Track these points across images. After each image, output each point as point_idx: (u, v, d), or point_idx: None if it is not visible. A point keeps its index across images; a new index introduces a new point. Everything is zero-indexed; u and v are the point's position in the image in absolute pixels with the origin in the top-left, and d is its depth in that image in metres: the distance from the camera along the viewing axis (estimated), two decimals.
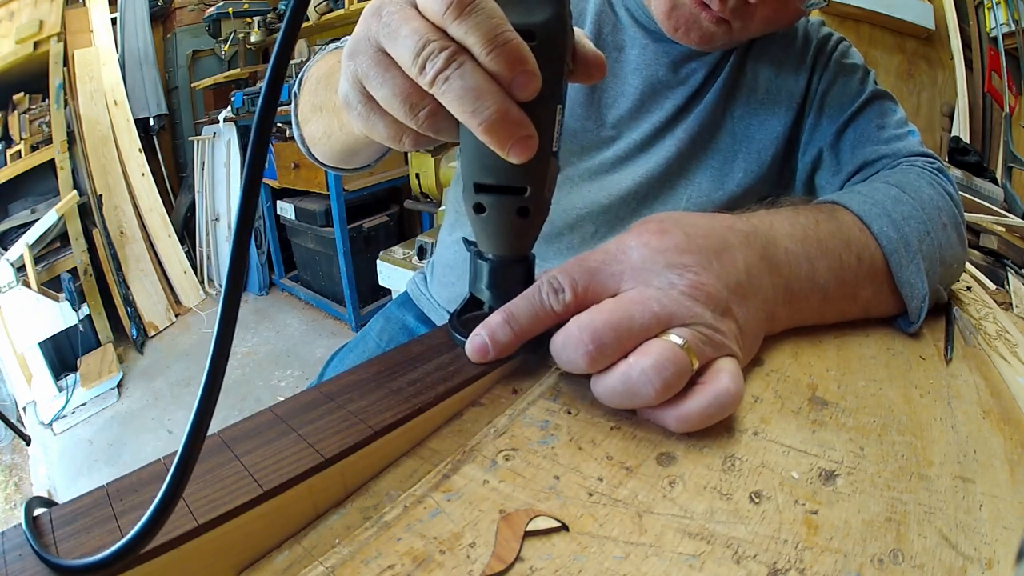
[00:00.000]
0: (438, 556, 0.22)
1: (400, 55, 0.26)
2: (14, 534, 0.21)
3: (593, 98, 0.61)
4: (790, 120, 0.60)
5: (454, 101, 0.25)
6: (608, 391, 0.29)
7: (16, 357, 1.99)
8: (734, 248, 0.34)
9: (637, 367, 0.28)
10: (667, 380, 0.27)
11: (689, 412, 0.28)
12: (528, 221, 0.30)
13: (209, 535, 0.21)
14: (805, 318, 0.39)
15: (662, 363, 0.27)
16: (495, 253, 0.32)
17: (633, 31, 0.61)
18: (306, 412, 0.28)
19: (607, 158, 0.61)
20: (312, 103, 0.50)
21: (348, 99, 0.30)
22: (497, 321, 0.31)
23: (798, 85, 0.60)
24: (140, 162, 2.64)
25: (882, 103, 0.59)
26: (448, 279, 0.69)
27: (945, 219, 0.45)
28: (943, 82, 1.75)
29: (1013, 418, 0.32)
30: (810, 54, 0.60)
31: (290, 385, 2.15)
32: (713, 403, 0.28)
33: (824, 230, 0.40)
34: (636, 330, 0.29)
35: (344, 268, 2.36)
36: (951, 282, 0.48)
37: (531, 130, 0.26)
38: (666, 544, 0.22)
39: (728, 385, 0.28)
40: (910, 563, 0.22)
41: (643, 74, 0.60)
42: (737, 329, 0.32)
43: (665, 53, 0.60)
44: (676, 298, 0.30)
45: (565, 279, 0.31)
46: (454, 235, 0.69)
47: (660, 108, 0.60)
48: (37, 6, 2.37)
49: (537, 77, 0.26)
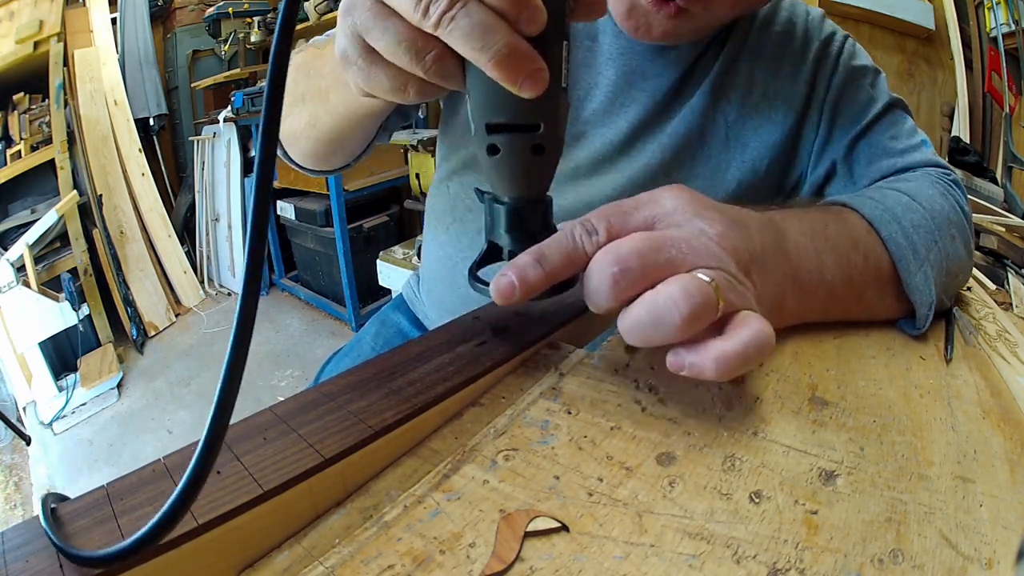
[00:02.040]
0: (438, 556, 0.22)
1: (399, 3, 0.26)
2: (14, 533, 0.21)
3: None
4: (789, 126, 0.57)
5: (461, 39, 0.25)
6: (633, 322, 0.28)
7: (16, 357, 1.99)
8: (751, 226, 0.35)
9: (664, 292, 0.27)
10: (694, 309, 0.27)
11: (728, 353, 0.27)
12: (543, 159, 0.30)
13: (209, 535, 0.21)
14: (811, 312, 0.39)
15: (690, 291, 0.27)
16: (512, 195, 0.32)
17: (605, 19, 0.57)
18: (306, 412, 0.28)
19: (583, 159, 0.58)
20: (292, 95, 0.49)
21: (347, 55, 0.30)
22: (527, 260, 0.31)
23: (797, 88, 0.56)
24: (140, 162, 2.65)
25: (895, 113, 0.56)
26: (436, 294, 0.67)
27: (955, 231, 0.45)
28: (943, 82, 1.75)
29: (1013, 418, 0.32)
30: (811, 55, 0.57)
31: (290, 385, 2.15)
32: (751, 343, 0.27)
33: (833, 230, 0.40)
34: (662, 262, 0.29)
35: (344, 268, 2.36)
36: (955, 292, 0.47)
37: (541, 63, 0.26)
38: (666, 544, 0.22)
39: (763, 327, 0.28)
40: (910, 563, 0.22)
41: (616, 63, 0.57)
42: (756, 294, 0.32)
43: (637, 42, 0.56)
44: (705, 243, 0.30)
45: (600, 221, 0.31)
46: (438, 250, 0.65)
47: (635, 102, 0.57)
48: (37, 6, 2.38)
49: (542, 10, 0.26)
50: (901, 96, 0.58)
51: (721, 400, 0.31)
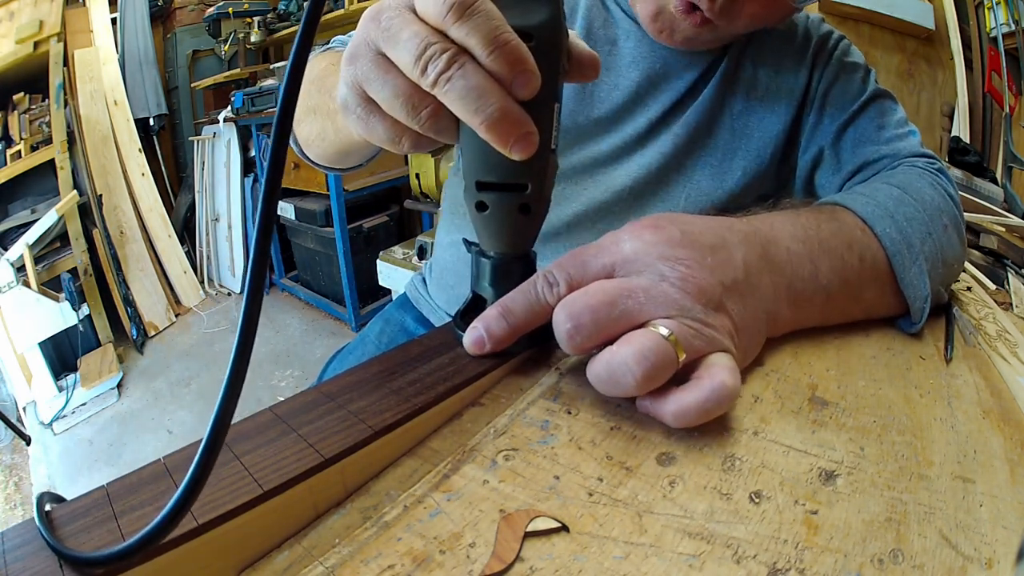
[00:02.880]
0: (438, 556, 0.22)
1: (401, 58, 0.27)
2: (14, 533, 0.21)
3: (585, 91, 0.60)
4: (790, 118, 0.60)
5: (456, 100, 0.26)
6: (594, 377, 0.29)
7: (16, 357, 1.99)
8: (732, 246, 0.34)
9: (618, 355, 0.28)
10: (647, 370, 0.27)
11: (686, 407, 0.27)
12: (529, 218, 0.31)
13: (209, 535, 0.21)
14: (808, 319, 0.39)
15: (643, 352, 0.27)
16: (497, 251, 0.33)
17: (627, 24, 0.61)
18: (306, 412, 0.28)
19: (602, 152, 0.60)
20: (306, 105, 0.50)
21: (347, 103, 0.30)
22: (493, 315, 0.32)
23: (798, 83, 0.59)
24: (140, 162, 2.64)
25: (883, 102, 0.59)
26: (447, 281, 0.69)
27: (946, 220, 0.45)
28: (943, 82, 1.75)
29: (1013, 418, 0.32)
30: (810, 51, 0.60)
31: (290, 385, 2.15)
32: (710, 398, 0.27)
33: (826, 231, 0.40)
34: (616, 315, 0.29)
35: (344, 268, 2.36)
36: (951, 282, 0.48)
37: (532, 127, 0.27)
38: (666, 544, 0.22)
39: (724, 379, 0.28)
40: (910, 563, 0.22)
41: (640, 66, 0.60)
42: (732, 326, 0.32)
43: (662, 45, 0.59)
44: (664, 290, 0.30)
45: (560, 273, 0.32)
46: (451, 236, 0.69)
47: (657, 101, 0.60)
48: (37, 6, 2.37)
49: (537, 76, 0.26)
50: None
51: None
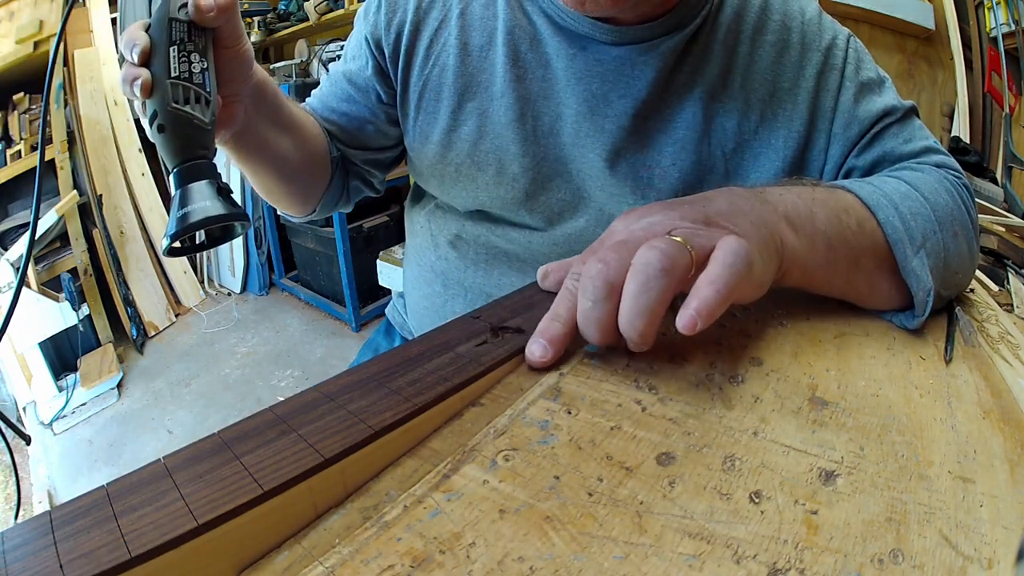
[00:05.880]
0: (438, 556, 0.22)
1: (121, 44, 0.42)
2: (14, 533, 0.21)
3: (526, 129, 0.54)
4: (790, 153, 0.52)
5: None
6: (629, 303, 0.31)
7: (16, 357, 1.99)
8: (714, 197, 0.38)
9: (638, 262, 0.31)
10: (665, 262, 0.30)
11: (713, 275, 0.30)
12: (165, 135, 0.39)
13: (209, 535, 0.21)
14: (814, 254, 0.39)
15: (658, 247, 0.31)
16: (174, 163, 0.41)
17: (555, 42, 0.52)
18: (306, 412, 0.28)
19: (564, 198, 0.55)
20: None
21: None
22: (546, 323, 0.35)
23: (797, 110, 0.52)
24: (140, 162, 2.64)
25: (908, 121, 0.53)
26: (424, 324, 0.67)
27: (957, 228, 0.44)
28: (943, 82, 1.75)
29: (1013, 418, 0.32)
30: (811, 68, 0.51)
31: (290, 385, 2.15)
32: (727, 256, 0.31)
33: (822, 194, 0.42)
34: (624, 256, 0.32)
35: (344, 268, 2.36)
36: (954, 291, 0.46)
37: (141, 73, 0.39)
38: (666, 544, 0.22)
39: (731, 241, 0.32)
40: (910, 563, 0.22)
41: (575, 89, 0.52)
42: (732, 232, 0.34)
43: (597, 61, 0.52)
44: (648, 224, 0.35)
45: (580, 267, 0.36)
46: (423, 263, 0.66)
47: (602, 130, 0.52)
48: (37, 6, 2.37)
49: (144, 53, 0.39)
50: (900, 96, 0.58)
51: (721, 400, 0.31)
